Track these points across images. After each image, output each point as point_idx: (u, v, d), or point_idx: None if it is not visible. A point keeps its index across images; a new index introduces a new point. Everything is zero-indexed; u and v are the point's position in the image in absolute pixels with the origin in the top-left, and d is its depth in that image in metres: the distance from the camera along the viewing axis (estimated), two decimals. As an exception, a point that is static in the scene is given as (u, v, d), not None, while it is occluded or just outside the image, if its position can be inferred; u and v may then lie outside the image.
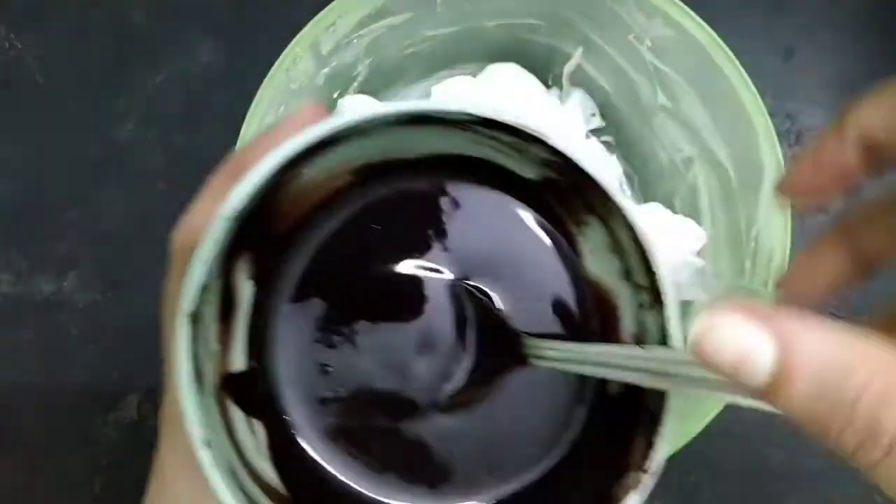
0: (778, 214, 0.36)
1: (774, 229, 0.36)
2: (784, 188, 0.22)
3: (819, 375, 0.14)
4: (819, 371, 0.14)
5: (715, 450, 0.45)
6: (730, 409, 0.35)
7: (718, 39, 0.37)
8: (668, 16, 0.38)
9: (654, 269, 0.21)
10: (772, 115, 0.37)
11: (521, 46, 0.45)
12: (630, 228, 0.21)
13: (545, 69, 0.47)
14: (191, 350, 0.18)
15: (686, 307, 0.42)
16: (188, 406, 0.18)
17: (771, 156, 0.37)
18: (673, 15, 0.37)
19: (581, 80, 0.46)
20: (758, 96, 0.37)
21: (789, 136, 0.51)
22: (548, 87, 0.47)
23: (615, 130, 0.47)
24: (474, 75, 0.46)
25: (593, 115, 0.47)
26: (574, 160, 0.19)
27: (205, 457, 0.18)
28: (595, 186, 0.20)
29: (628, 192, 0.48)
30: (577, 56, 0.44)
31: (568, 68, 0.45)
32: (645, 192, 0.47)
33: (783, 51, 0.52)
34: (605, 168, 0.18)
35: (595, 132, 0.47)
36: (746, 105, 0.37)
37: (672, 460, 0.35)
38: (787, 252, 0.36)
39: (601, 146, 0.46)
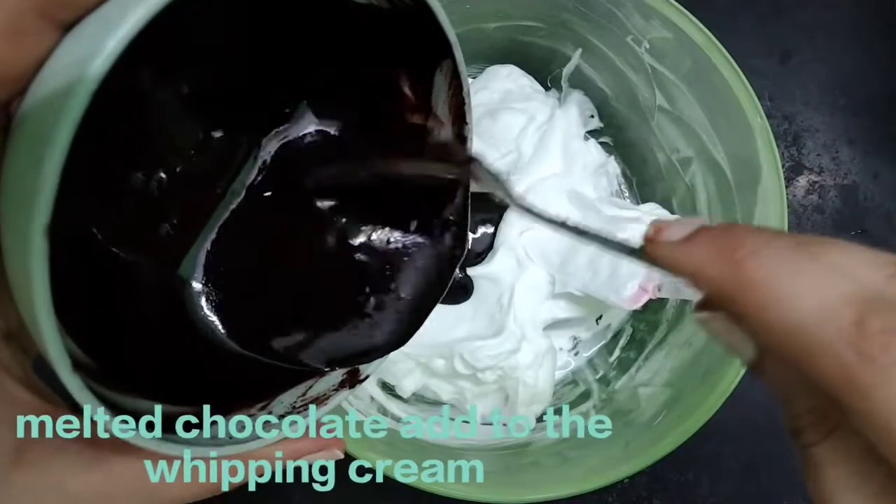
0: (774, 214, 0.37)
1: (771, 229, 0.36)
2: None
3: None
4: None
5: (713, 448, 0.45)
6: (728, 408, 0.35)
7: (716, 41, 0.37)
8: (665, 18, 0.38)
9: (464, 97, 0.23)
10: (769, 116, 0.38)
11: (520, 48, 0.46)
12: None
13: (544, 71, 0.47)
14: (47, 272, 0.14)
15: (685, 306, 0.42)
16: (49, 332, 0.15)
17: (768, 156, 0.37)
18: (671, 17, 0.38)
19: (580, 82, 0.46)
20: (755, 97, 0.37)
21: (787, 136, 0.51)
22: (547, 88, 0.47)
23: (614, 131, 0.48)
24: (474, 76, 0.47)
25: (592, 116, 0.47)
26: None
27: (73, 382, 0.15)
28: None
29: (626, 193, 0.49)
30: (575, 57, 0.45)
31: (567, 70, 0.46)
32: (643, 192, 0.48)
33: (781, 53, 0.53)
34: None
35: (593, 133, 0.47)
36: (743, 106, 0.37)
37: (671, 458, 0.35)
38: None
39: (599, 147, 0.47)
